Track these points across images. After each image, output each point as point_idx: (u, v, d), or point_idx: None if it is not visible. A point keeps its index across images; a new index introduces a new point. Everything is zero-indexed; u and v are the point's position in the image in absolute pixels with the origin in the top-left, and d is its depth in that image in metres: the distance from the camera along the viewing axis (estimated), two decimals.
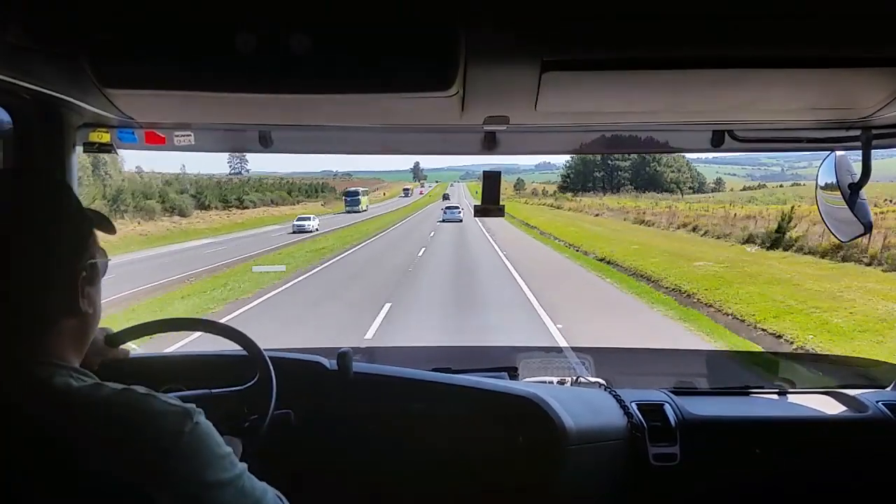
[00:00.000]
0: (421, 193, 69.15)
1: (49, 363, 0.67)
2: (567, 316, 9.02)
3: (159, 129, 1.31)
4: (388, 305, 9.91)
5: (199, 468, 0.65)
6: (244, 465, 0.71)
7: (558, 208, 45.12)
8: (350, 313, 9.63)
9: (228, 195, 39.62)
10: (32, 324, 0.68)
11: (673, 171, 59.83)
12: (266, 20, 0.78)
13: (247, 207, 40.01)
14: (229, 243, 23.83)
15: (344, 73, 0.83)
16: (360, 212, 42.04)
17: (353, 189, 48.91)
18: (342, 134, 1.37)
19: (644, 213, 32.30)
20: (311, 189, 61.56)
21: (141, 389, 0.68)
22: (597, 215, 36.24)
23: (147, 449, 0.63)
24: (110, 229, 0.80)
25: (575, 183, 67.96)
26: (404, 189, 68.60)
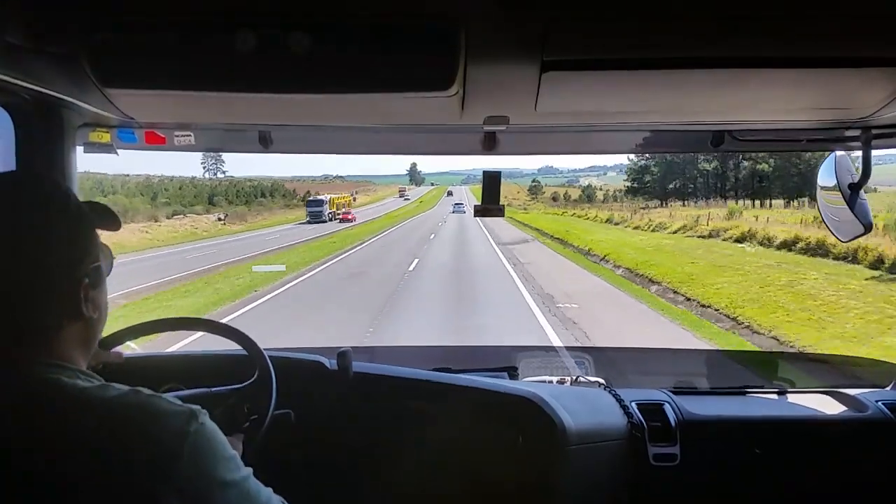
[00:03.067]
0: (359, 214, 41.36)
1: (56, 365, 0.67)
2: None
3: (159, 129, 1.31)
4: None
5: (205, 468, 0.65)
6: (250, 470, 0.72)
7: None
8: None
9: None
10: (35, 331, 0.68)
11: None
12: (266, 20, 0.78)
13: None
14: None
15: (344, 73, 0.83)
16: None
17: None
18: (342, 134, 1.37)
19: None
20: (256, 193, 48.49)
21: (146, 391, 0.68)
22: None
23: (153, 449, 0.63)
24: (115, 224, 0.79)
25: (658, 184, 45.61)
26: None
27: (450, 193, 68.05)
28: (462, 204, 45.28)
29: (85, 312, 0.70)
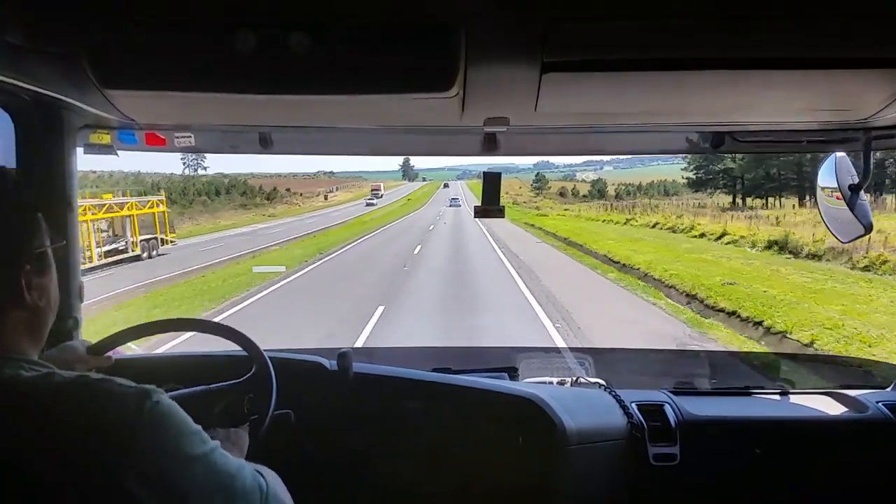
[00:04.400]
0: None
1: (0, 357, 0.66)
2: None
3: (159, 130, 1.31)
4: None
5: (162, 446, 0.64)
6: (216, 443, 0.70)
7: None
8: None
9: None
10: None
11: None
12: (266, 21, 0.78)
13: None
14: None
15: (344, 74, 0.83)
16: None
17: None
18: (342, 135, 1.38)
19: None
20: (207, 191, 41.38)
21: (95, 375, 0.67)
22: None
23: (106, 431, 0.62)
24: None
25: (737, 176, 34.36)
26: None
27: (446, 185, 68.66)
28: (458, 199, 45.21)
29: (29, 300, 0.69)
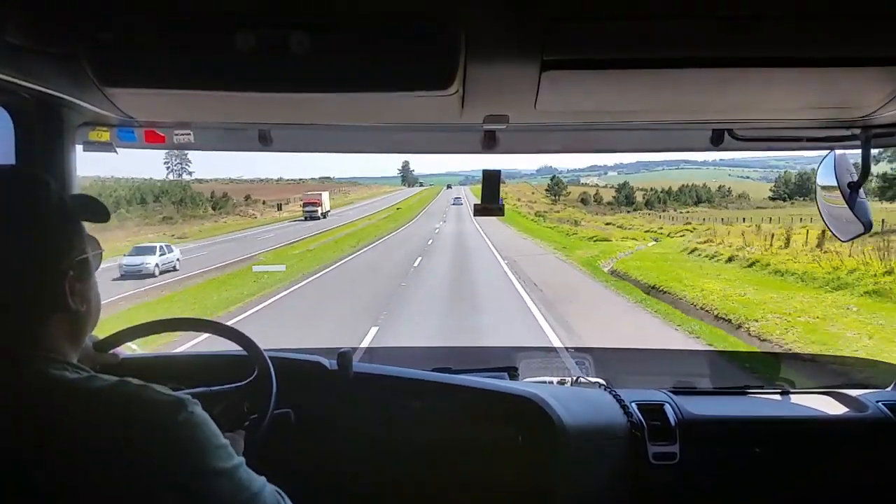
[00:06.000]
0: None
1: (44, 356, 0.68)
2: None
3: (159, 127, 1.31)
4: None
5: (194, 456, 0.65)
6: (242, 459, 0.71)
7: None
8: None
9: None
10: (21, 322, 0.68)
11: None
12: (266, 19, 0.79)
13: None
14: None
15: (344, 72, 0.84)
16: None
17: None
18: (342, 133, 1.38)
19: None
20: (130, 198, 34.38)
21: (135, 381, 0.68)
22: None
23: (141, 437, 0.63)
24: (102, 216, 0.79)
25: None
26: None
27: (448, 187, 70.57)
28: (460, 198, 49.48)
29: (72, 305, 0.70)
